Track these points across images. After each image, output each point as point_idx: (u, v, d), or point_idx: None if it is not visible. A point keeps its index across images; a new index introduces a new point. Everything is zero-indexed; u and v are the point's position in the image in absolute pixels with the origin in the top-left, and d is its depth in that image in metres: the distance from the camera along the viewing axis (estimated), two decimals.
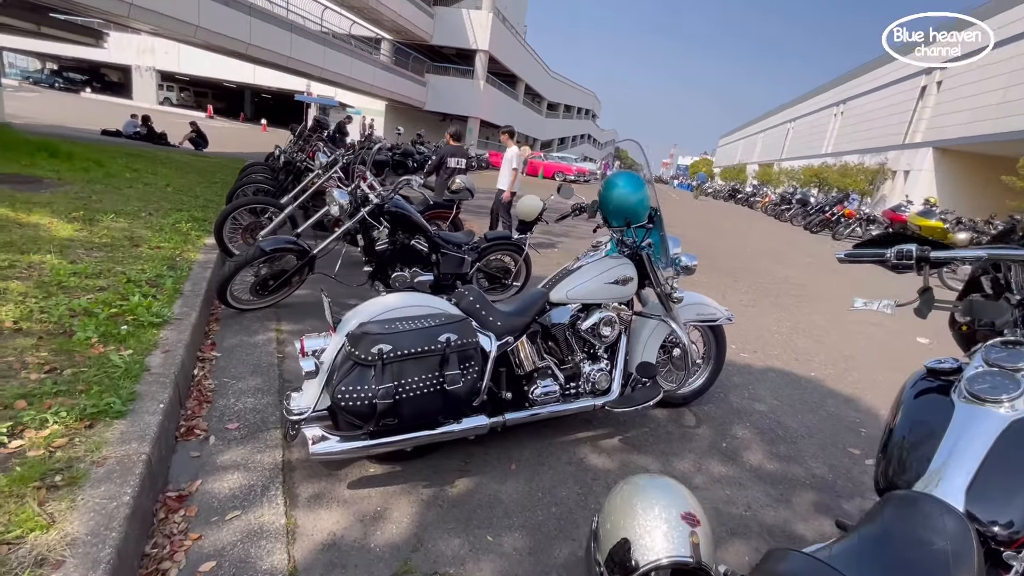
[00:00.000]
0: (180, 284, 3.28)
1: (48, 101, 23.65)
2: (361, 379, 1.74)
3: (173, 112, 29.13)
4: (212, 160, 11.26)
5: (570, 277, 2.42)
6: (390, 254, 3.72)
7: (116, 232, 4.12)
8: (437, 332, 1.85)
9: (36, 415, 1.77)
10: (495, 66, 30.65)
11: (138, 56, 32.74)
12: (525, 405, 2.30)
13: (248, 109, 39.45)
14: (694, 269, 2.56)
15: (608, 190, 2.39)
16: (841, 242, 14.55)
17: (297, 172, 5.75)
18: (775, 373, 3.73)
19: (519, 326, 2.26)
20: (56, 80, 37.21)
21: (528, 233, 4.23)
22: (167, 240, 4.17)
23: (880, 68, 31.88)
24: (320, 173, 4.74)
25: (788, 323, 5.12)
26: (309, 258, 3.49)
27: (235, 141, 18.77)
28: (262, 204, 4.55)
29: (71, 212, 4.38)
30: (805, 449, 2.71)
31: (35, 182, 5.30)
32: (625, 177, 2.37)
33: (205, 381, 2.55)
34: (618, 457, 2.41)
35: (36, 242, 3.49)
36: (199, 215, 5.30)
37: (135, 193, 5.79)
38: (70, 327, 2.43)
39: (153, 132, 13.89)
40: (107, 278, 3.13)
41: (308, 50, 18.72)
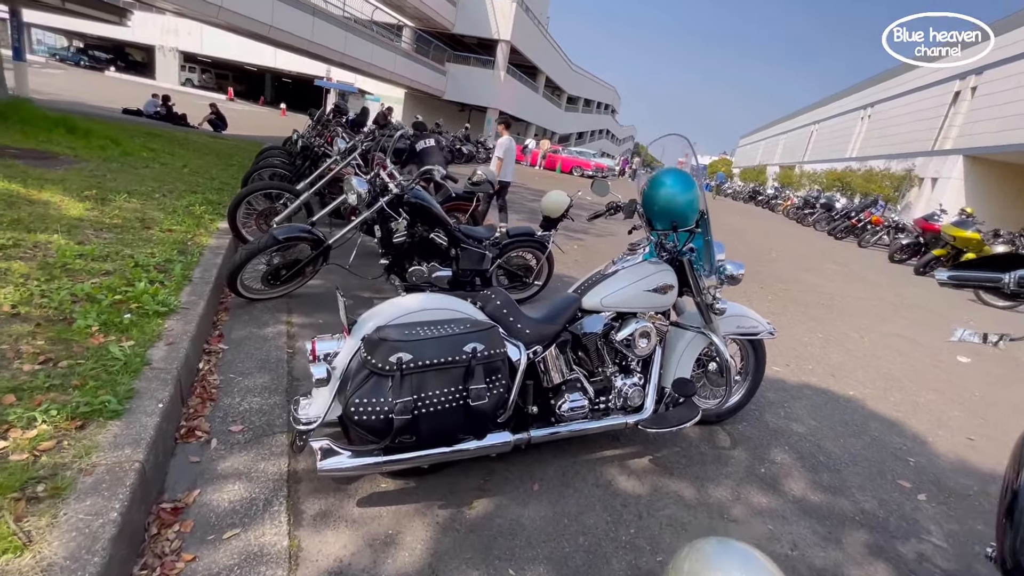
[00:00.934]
0: (190, 270, 3.14)
1: (73, 78, 23.84)
2: (377, 390, 1.57)
3: (194, 93, 29.23)
4: (230, 142, 11.18)
5: (605, 283, 2.22)
6: (408, 247, 3.54)
7: (128, 213, 4.00)
8: (462, 341, 1.67)
9: (24, 413, 1.63)
10: (516, 57, 30.27)
11: (162, 36, 32.87)
12: (551, 420, 2.11)
13: (268, 93, 39.54)
14: (740, 279, 2.34)
15: (654, 189, 2.17)
16: (867, 249, 14.10)
17: (314, 158, 5.59)
18: (811, 391, 3.50)
19: (549, 335, 2.06)
20: (81, 58, 37.56)
21: (553, 230, 4.02)
22: (179, 223, 4.04)
23: (911, 72, 30.94)
24: (338, 159, 4.58)
25: (820, 335, 4.86)
26: (324, 248, 3.32)
27: (254, 124, 18.74)
28: (277, 189, 4.40)
29: (84, 190, 4.26)
30: (850, 479, 2.49)
31: (50, 158, 5.21)
32: (674, 175, 2.15)
33: (210, 376, 2.40)
34: (649, 480, 2.22)
35: (45, 220, 3.37)
36: (214, 198, 5.17)
37: (151, 173, 5.69)
38: (71, 314, 2.29)
39: (173, 112, 13.86)
40: (114, 261, 2.99)
41: (329, 34, 18.57)
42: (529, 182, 16.47)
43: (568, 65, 40.96)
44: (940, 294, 8.61)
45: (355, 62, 20.87)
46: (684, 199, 2.12)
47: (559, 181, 19.76)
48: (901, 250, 11.99)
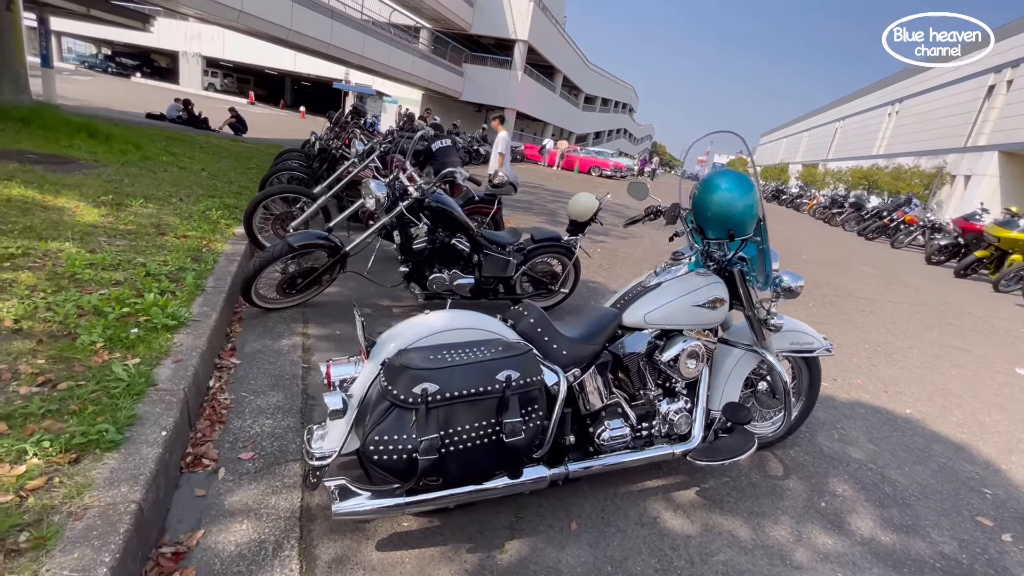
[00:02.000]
0: (203, 279, 3.01)
1: (100, 84, 24.40)
2: (400, 426, 1.38)
3: (216, 98, 29.68)
4: (250, 146, 11.20)
5: (647, 297, 2.00)
6: (428, 253, 3.37)
7: (143, 218, 3.90)
8: (495, 368, 1.47)
9: (14, 445, 1.48)
10: (534, 57, 30.04)
11: (185, 42, 33.52)
12: (589, 450, 1.90)
13: (288, 96, 40.03)
14: (798, 291, 2.10)
15: (707, 193, 1.94)
16: (901, 251, 13.54)
17: (332, 160, 5.47)
18: (864, 408, 3.22)
19: (587, 356, 1.85)
20: (109, 65, 38.53)
21: (580, 235, 3.80)
22: (195, 228, 3.93)
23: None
24: (356, 162, 4.43)
25: (866, 344, 4.55)
26: (341, 255, 3.16)
27: (274, 127, 18.89)
28: (294, 193, 4.27)
29: (100, 196, 4.19)
30: (923, 515, 2.23)
31: (70, 163, 5.18)
32: (731, 178, 1.92)
33: (220, 395, 2.25)
34: (698, 518, 1.99)
35: (57, 228, 3.28)
36: (231, 202, 5.08)
37: (169, 177, 5.63)
38: (75, 329, 2.16)
39: (194, 116, 14.00)
40: (125, 270, 2.87)
41: (348, 37, 18.61)
42: (547, 183, 16.26)
43: (585, 64, 40.59)
44: (986, 299, 8.14)
45: (373, 64, 20.89)
46: (742, 204, 1.89)
47: (577, 182, 19.49)
48: (939, 251, 11.45)
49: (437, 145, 6.29)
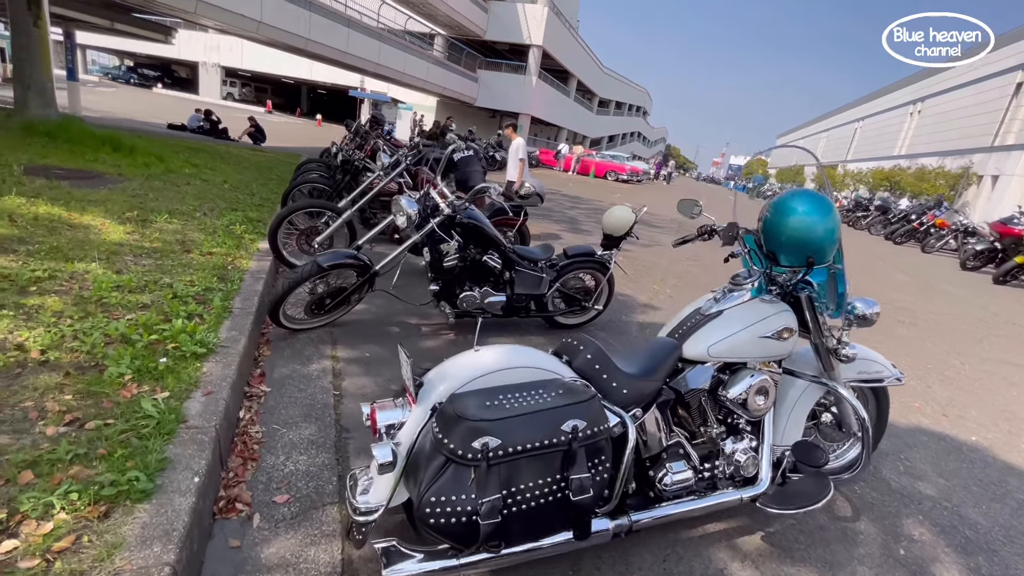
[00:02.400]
0: (230, 300, 2.92)
1: (123, 96, 24.89)
2: (458, 485, 1.24)
3: (235, 107, 30.13)
4: (269, 155, 11.25)
5: (710, 326, 1.85)
6: (459, 271, 3.24)
7: (168, 235, 3.85)
8: (559, 417, 1.33)
9: (40, 497, 1.37)
10: (548, 62, 29.98)
11: (205, 53, 34.13)
12: (650, 495, 1.75)
13: (304, 104, 40.52)
14: (874, 319, 1.93)
15: (782, 217, 1.78)
16: (932, 256, 13.11)
17: (355, 172, 5.40)
18: (926, 435, 3.01)
19: (649, 393, 1.70)
20: (131, 76, 39.39)
21: (615, 249, 3.65)
22: (220, 244, 3.87)
23: (965, 64, 29.17)
24: (381, 175, 4.34)
25: (915, 361, 4.31)
26: (370, 274, 3.05)
27: (291, 135, 19.05)
28: (319, 208, 4.18)
29: (125, 212, 4.15)
30: (1013, 564, 2.03)
31: (95, 178, 5.18)
32: (808, 200, 1.75)
33: (251, 428, 2.14)
34: (768, 569, 1.82)
35: (84, 247, 3.22)
36: (254, 215, 5.02)
37: (192, 190, 5.61)
38: (103, 359, 2.07)
39: (215, 126, 14.14)
40: (152, 292, 2.79)
41: (364, 45, 18.72)
42: (564, 188, 16.10)
43: (599, 68, 40.44)
44: None
45: (388, 71, 20.99)
46: (823, 229, 1.72)
47: (594, 186, 19.30)
48: (975, 256, 11.05)
49: (459, 155, 6.19)
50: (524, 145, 7.27)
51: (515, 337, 3.61)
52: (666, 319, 4.62)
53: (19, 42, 6.38)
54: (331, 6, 17.22)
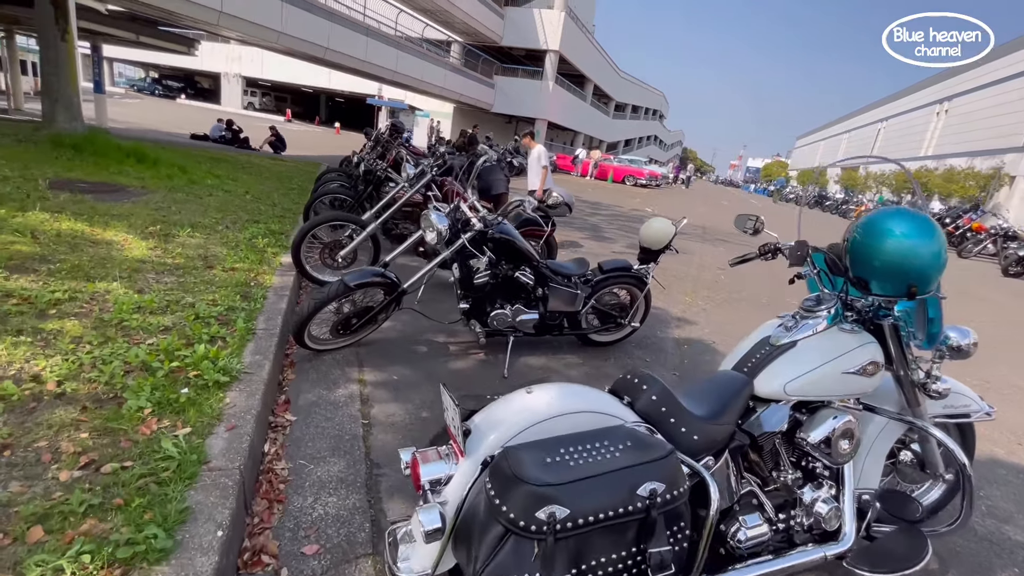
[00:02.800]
0: (253, 321, 2.80)
1: (148, 107, 25.47)
2: (519, 560, 1.06)
3: (256, 116, 30.62)
4: (289, 164, 11.29)
5: (784, 360, 1.64)
6: (490, 288, 3.08)
7: (190, 250, 3.76)
8: (635, 479, 1.14)
9: (49, 561, 1.23)
10: (564, 67, 29.89)
11: (227, 64, 34.81)
12: (720, 552, 1.55)
13: (323, 113, 41.05)
14: (970, 351, 1.71)
15: (875, 238, 1.56)
16: (970, 261, 12.58)
17: (377, 182, 5.29)
18: (1004, 468, 2.74)
19: (721, 439, 1.51)
20: (156, 87, 40.38)
21: (653, 263, 3.45)
22: (242, 259, 3.77)
23: (995, 61, 28.22)
24: (405, 187, 4.21)
25: (974, 380, 4.00)
26: (398, 293, 2.91)
27: (311, 144, 19.21)
28: (343, 221, 4.06)
29: (148, 226, 4.09)
30: None
31: (119, 191, 5.15)
32: (906, 220, 1.53)
33: (277, 464, 1.99)
34: None
35: (105, 265, 3.14)
36: (276, 227, 4.94)
37: (214, 202, 5.56)
38: (121, 390, 1.95)
39: (237, 136, 14.29)
40: (174, 313, 2.69)
41: (382, 53, 18.82)
42: (583, 193, 15.89)
43: (616, 72, 40.21)
44: None
45: (406, 79, 21.08)
46: (928, 253, 1.50)
47: (612, 191, 19.07)
48: (1018, 262, 10.55)
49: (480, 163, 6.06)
50: (545, 152, 7.10)
51: (547, 356, 3.43)
52: (703, 334, 4.43)
53: (47, 56, 6.45)
54: (350, 16, 17.36)
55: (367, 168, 5.38)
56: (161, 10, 11.09)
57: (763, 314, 5.72)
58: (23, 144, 6.21)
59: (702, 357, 3.87)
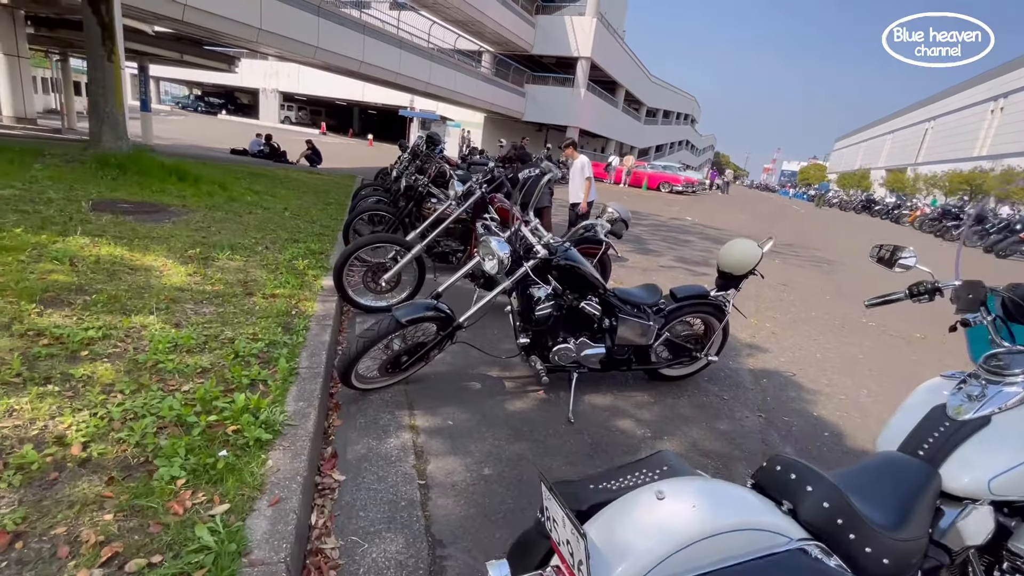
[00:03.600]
0: (295, 359, 2.55)
1: (191, 123, 26.41)
2: None
3: (292, 130, 31.38)
4: (325, 177, 11.28)
5: (978, 443, 1.25)
6: (553, 321, 2.75)
7: (230, 274, 3.58)
8: None
9: None
10: (595, 73, 29.52)
11: (265, 80, 35.89)
12: None
13: (356, 125, 41.83)
14: None
15: None
16: None
17: (419, 199, 5.06)
18: None
19: (915, 559, 1.13)
20: (199, 104, 42.03)
21: (733, 290, 3.06)
22: (283, 284, 3.57)
23: None
24: (452, 205, 3.94)
25: None
26: (453, 328, 2.61)
27: (345, 156, 19.41)
28: (387, 243, 3.82)
29: (188, 249, 3.94)
30: None
31: (160, 211, 5.08)
32: None
33: (325, 542, 1.71)
34: None
35: (143, 295, 2.96)
36: (315, 247, 4.76)
37: (253, 220, 5.44)
38: (154, 453, 1.70)
39: (275, 150, 14.48)
40: (212, 351, 2.46)
41: (415, 65, 18.91)
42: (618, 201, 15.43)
43: (647, 77, 39.56)
44: None
45: (439, 90, 21.13)
46: None
47: (647, 199, 18.54)
48: None
49: (524, 174, 5.77)
50: (589, 163, 6.78)
51: (614, 393, 3.07)
52: (779, 364, 3.99)
53: (94, 77, 6.53)
54: (384, 29, 17.51)
55: (408, 184, 5.15)
56: (205, 29, 11.34)
57: (839, 338, 5.23)
58: (71, 164, 6.27)
59: (785, 393, 3.44)
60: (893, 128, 60.75)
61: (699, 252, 8.64)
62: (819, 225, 19.00)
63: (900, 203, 24.99)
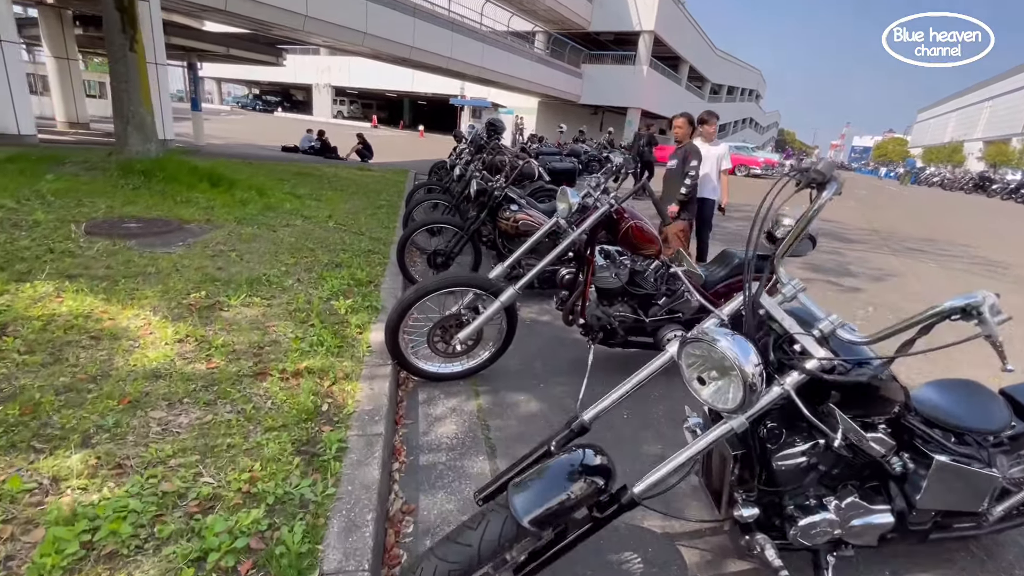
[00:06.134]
0: (318, 542, 1.34)
1: (249, 121, 26.52)
2: None
3: (344, 124, 31.11)
4: (376, 174, 10.28)
5: None
6: (810, 474, 1.39)
7: (239, 334, 2.45)
8: None
9: None
10: (657, 49, 27.14)
11: (317, 75, 35.89)
12: None
13: (407, 117, 41.32)
14: None
15: None
16: None
17: (493, 206, 3.79)
18: None
19: None
20: (257, 103, 42.84)
21: None
22: (314, 347, 2.41)
23: None
24: (566, 227, 2.61)
25: None
26: (623, 504, 1.31)
27: (397, 149, 18.54)
28: (462, 286, 2.54)
29: (191, 291, 2.86)
30: None
31: (175, 229, 4.09)
32: None
33: None
34: None
35: (89, 394, 1.85)
36: (362, 273, 3.60)
37: (290, 236, 4.36)
38: None
39: (327, 146, 13.72)
40: (161, 540, 1.28)
41: (467, 48, 17.67)
42: None
43: (712, 50, 36.36)
44: None
45: (492, 74, 19.82)
46: None
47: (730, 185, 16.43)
48: None
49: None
50: (727, 153, 5.23)
51: None
52: None
53: (115, 70, 5.67)
54: (434, 10, 16.34)
55: (480, 188, 3.88)
56: (252, 20, 10.58)
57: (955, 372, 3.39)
58: (91, 172, 5.47)
59: None
60: (992, 95, 53.46)
61: (875, 270, 6.90)
62: (939, 211, 16.27)
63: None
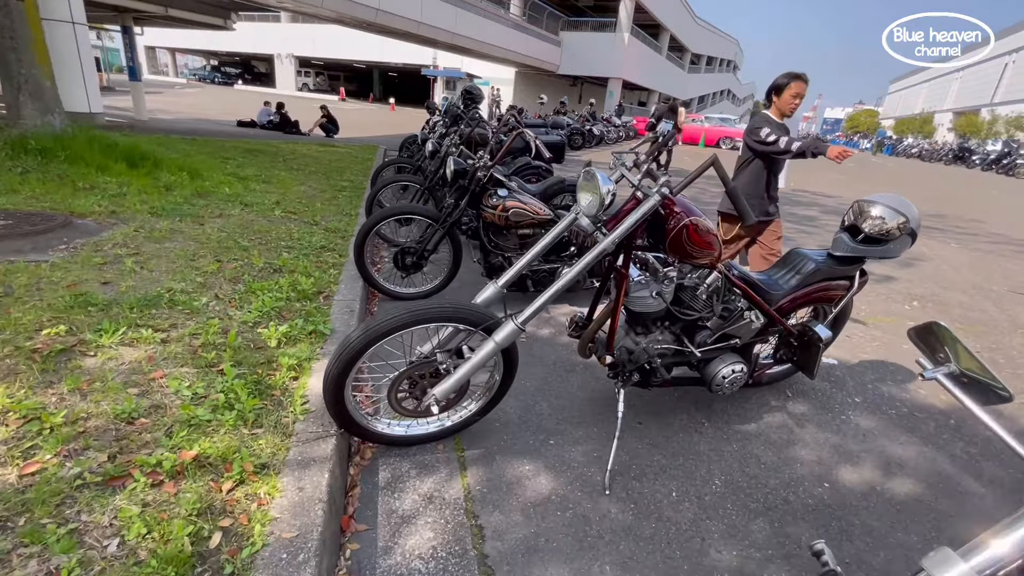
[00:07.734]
0: None
1: (204, 95, 24.53)
2: None
3: (310, 97, 29.20)
4: (342, 150, 9.22)
5: None
6: None
7: (96, 405, 1.60)
8: None
9: None
10: (638, 16, 25.95)
11: (278, 44, 33.53)
12: None
13: (377, 89, 39.27)
14: None
15: None
16: None
17: (477, 191, 2.95)
18: None
19: None
20: (216, 75, 40.04)
21: None
22: (216, 414, 1.59)
23: None
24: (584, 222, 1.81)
25: None
26: None
27: (366, 124, 17.23)
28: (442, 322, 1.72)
29: (42, 326, 1.97)
30: None
31: (62, 226, 3.14)
32: None
33: None
34: None
35: None
36: (307, 283, 2.74)
37: (219, 232, 3.45)
38: None
39: (286, 120, 12.46)
40: None
41: (439, 12, 16.31)
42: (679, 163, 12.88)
43: (692, 18, 35.21)
44: None
45: (465, 41, 18.49)
46: None
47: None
48: None
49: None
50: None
51: None
52: None
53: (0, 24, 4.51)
54: None
55: (459, 168, 3.01)
56: None
57: None
58: None
59: None
60: (962, 65, 53.76)
61: None
62: (930, 183, 15.93)
63: (1010, 151, 21.15)
